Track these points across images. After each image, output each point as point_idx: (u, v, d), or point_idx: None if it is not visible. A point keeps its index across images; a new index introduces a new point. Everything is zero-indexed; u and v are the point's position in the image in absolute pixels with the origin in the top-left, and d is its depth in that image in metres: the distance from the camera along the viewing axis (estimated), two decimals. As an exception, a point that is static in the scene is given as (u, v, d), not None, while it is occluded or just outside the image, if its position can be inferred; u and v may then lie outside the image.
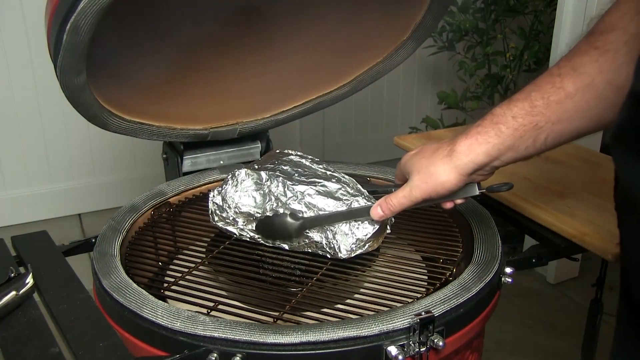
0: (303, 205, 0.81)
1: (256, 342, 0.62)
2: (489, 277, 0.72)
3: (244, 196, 0.84)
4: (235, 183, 0.85)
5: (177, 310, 0.66)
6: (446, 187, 0.72)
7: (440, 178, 0.72)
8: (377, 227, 0.79)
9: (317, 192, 0.82)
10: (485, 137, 0.69)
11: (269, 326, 0.64)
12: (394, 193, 0.76)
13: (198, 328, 0.63)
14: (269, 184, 0.84)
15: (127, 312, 0.68)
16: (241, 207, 0.84)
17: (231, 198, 0.85)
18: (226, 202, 0.85)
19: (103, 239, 0.82)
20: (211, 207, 0.87)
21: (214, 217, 0.87)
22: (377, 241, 0.82)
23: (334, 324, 0.64)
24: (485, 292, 0.71)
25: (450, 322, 0.67)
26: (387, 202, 0.76)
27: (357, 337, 0.62)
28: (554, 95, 0.66)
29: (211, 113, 1.06)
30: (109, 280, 0.72)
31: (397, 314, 0.64)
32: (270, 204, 0.82)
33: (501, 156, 0.70)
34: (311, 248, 0.82)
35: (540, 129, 0.67)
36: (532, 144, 0.68)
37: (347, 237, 0.79)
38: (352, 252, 0.79)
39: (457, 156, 0.71)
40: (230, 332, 0.62)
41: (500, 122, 0.69)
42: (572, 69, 0.65)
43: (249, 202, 0.84)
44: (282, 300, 0.73)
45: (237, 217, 0.84)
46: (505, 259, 0.79)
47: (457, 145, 0.71)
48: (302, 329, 0.63)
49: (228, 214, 0.85)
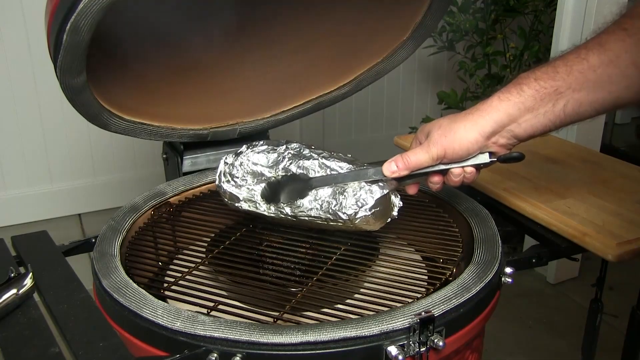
0: (317, 165, 0.81)
1: (256, 342, 0.62)
2: (489, 277, 0.72)
3: (258, 154, 0.85)
4: (252, 146, 0.87)
5: (177, 310, 0.66)
6: (464, 145, 0.73)
7: (458, 133, 0.73)
8: (385, 192, 0.77)
9: (331, 156, 0.82)
10: (507, 95, 0.71)
11: (269, 326, 0.64)
12: (411, 150, 0.77)
13: (198, 328, 0.63)
14: (284, 149, 0.85)
15: (127, 312, 0.68)
16: (253, 165, 0.84)
17: (245, 155, 0.85)
18: (239, 160, 0.85)
19: (103, 239, 0.82)
20: (221, 168, 0.87)
21: (221, 179, 0.86)
22: (380, 221, 0.80)
23: (334, 324, 0.64)
24: (485, 292, 0.71)
25: (450, 322, 0.67)
26: (403, 157, 0.76)
27: (357, 337, 0.62)
28: (578, 64, 0.68)
29: (211, 113, 1.06)
30: (109, 280, 0.72)
31: (397, 314, 0.64)
32: (284, 164, 0.83)
33: (520, 118, 0.71)
34: (315, 212, 0.80)
35: (560, 94, 0.69)
36: (551, 109, 0.70)
37: (353, 198, 0.78)
38: (355, 215, 0.77)
39: (479, 114, 0.72)
40: (230, 332, 0.62)
41: (523, 83, 0.71)
42: (598, 44, 0.67)
43: (262, 161, 0.84)
44: (282, 300, 0.73)
45: (247, 176, 0.84)
46: (505, 259, 0.79)
47: (478, 105, 0.73)
48: (302, 329, 0.63)
49: (238, 172, 0.85)
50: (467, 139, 0.72)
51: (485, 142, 0.73)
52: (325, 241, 0.85)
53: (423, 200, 0.95)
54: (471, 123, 0.72)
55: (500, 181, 1.00)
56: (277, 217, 0.84)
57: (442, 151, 0.74)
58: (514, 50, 2.05)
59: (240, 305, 0.72)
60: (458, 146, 0.73)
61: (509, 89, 0.72)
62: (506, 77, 2.07)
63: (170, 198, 0.97)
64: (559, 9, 1.75)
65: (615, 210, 0.90)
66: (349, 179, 0.78)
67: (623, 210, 0.90)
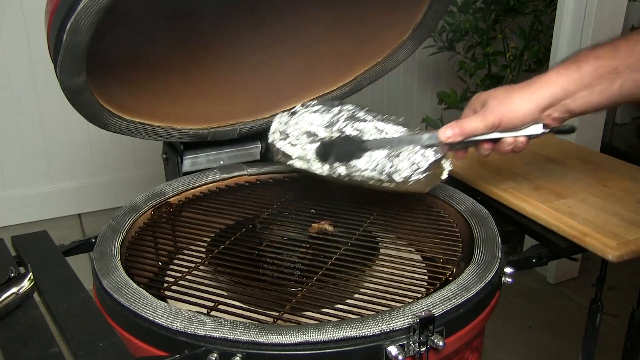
0: (372, 127, 0.81)
1: (256, 342, 0.62)
2: (489, 277, 0.72)
3: (313, 114, 0.85)
4: (307, 106, 0.87)
5: (177, 310, 0.66)
6: (519, 115, 0.74)
7: (515, 104, 0.74)
8: (438, 157, 0.79)
9: (385, 119, 0.83)
10: (566, 70, 0.73)
11: (269, 326, 0.64)
12: (466, 117, 0.78)
13: (198, 328, 0.63)
14: (338, 110, 0.85)
15: (127, 312, 0.68)
16: (309, 125, 0.84)
17: (301, 115, 0.86)
18: (294, 119, 0.85)
19: (103, 238, 0.82)
20: (275, 126, 0.87)
21: (274, 137, 0.87)
22: (431, 183, 0.81)
23: (334, 324, 0.64)
24: (485, 292, 0.71)
25: (451, 321, 0.67)
26: (458, 123, 0.77)
27: (357, 337, 0.62)
28: (639, 46, 0.70)
29: (211, 113, 1.06)
30: (108, 280, 0.72)
31: (397, 314, 0.64)
32: (339, 125, 0.83)
33: (576, 94, 0.73)
34: (368, 173, 0.80)
35: (618, 74, 0.70)
36: (607, 88, 0.72)
37: (407, 161, 0.78)
38: (409, 177, 0.78)
39: (536, 87, 0.74)
40: (230, 332, 0.62)
41: (582, 60, 0.72)
42: None
43: (317, 121, 0.84)
44: (282, 300, 0.73)
45: (301, 136, 0.84)
46: (505, 259, 0.79)
47: (536, 78, 0.75)
48: (302, 329, 0.63)
49: (293, 131, 0.85)
50: (523, 110, 0.74)
51: (539, 115, 0.75)
52: (325, 241, 0.85)
53: (423, 200, 0.95)
54: (528, 95, 0.74)
55: (500, 181, 1.00)
56: (329, 177, 0.84)
57: (497, 120, 0.75)
58: (514, 50, 2.05)
59: (240, 305, 0.72)
60: (514, 116, 0.75)
61: (567, 64, 0.73)
62: (506, 77, 2.07)
63: (170, 198, 0.97)
64: (559, 9, 1.75)
65: (615, 210, 0.90)
66: (404, 143, 0.79)
67: (623, 210, 0.90)
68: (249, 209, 0.96)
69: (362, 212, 0.92)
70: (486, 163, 1.04)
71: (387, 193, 0.86)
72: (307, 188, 0.99)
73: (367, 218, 0.91)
